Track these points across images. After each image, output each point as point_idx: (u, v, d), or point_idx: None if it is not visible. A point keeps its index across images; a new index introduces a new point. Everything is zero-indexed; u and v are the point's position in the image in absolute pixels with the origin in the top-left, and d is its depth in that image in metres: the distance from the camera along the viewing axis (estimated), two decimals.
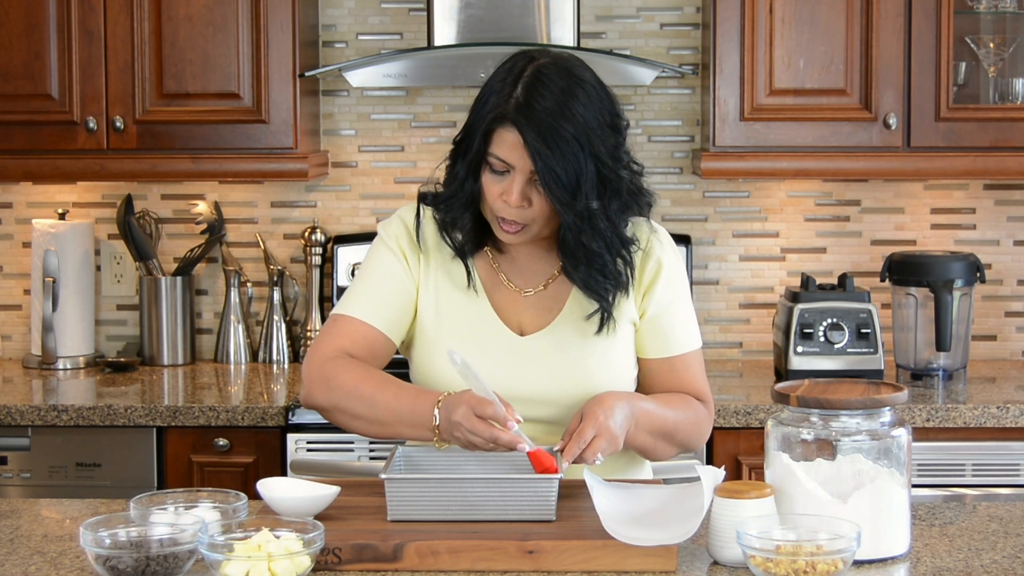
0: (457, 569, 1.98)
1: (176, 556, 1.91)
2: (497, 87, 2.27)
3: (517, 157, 2.23)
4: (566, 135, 2.20)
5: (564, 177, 2.21)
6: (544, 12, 3.73)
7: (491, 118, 2.24)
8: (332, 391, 2.30)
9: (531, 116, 2.21)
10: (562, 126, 2.20)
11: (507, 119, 2.23)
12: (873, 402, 2.03)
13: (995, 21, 3.76)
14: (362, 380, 2.29)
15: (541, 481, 2.08)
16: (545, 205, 2.26)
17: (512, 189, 2.25)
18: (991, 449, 3.40)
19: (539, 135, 2.20)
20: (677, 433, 2.37)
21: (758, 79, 3.67)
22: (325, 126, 4.06)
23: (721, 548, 2.00)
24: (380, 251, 2.42)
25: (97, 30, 3.69)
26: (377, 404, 2.27)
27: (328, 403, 2.32)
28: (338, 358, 2.32)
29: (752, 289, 4.05)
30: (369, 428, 2.31)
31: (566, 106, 2.22)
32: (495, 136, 2.24)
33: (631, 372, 2.42)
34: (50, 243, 3.90)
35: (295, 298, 4.04)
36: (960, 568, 2.01)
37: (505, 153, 2.24)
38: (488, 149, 2.25)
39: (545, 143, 2.20)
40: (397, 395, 2.27)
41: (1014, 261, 4.03)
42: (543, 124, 2.20)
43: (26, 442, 3.43)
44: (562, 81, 2.24)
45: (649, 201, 2.35)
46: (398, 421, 2.26)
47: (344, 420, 2.33)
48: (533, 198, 2.26)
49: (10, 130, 3.72)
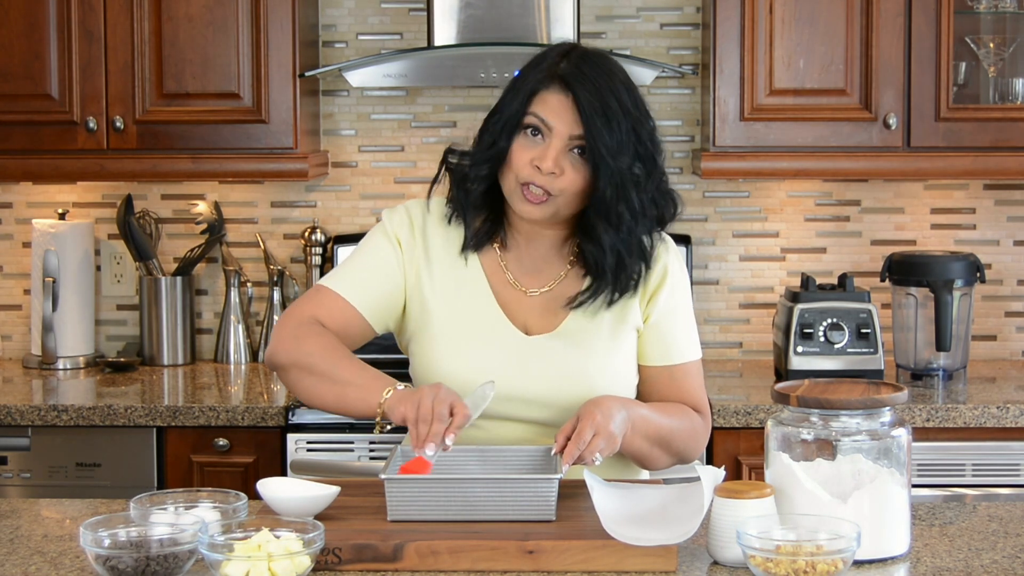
0: (457, 569, 1.98)
1: (176, 556, 1.91)
2: (535, 64, 2.29)
3: (559, 119, 2.23)
4: (612, 100, 2.23)
5: (609, 138, 2.22)
6: (544, 12, 3.73)
7: (537, 80, 2.25)
8: (298, 349, 2.30)
9: (583, 79, 2.23)
10: (610, 96, 2.23)
11: (557, 79, 2.24)
12: (873, 402, 2.04)
13: (995, 21, 3.76)
14: (331, 345, 2.30)
15: (541, 481, 2.08)
16: (576, 177, 2.25)
17: (547, 154, 2.24)
18: (991, 449, 3.40)
19: (592, 96, 2.22)
20: (673, 442, 2.37)
21: (758, 79, 3.67)
22: (325, 126, 4.07)
23: (721, 548, 2.00)
24: (377, 237, 2.41)
25: (97, 30, 3.69)
26: (339, 365, 2.27)
27: (289, 360, 2.32)
28: (312, 323, 2.33)
29: (752, 289, 4.05)
30: (319, 386, 2.29)
31: (612, 83, 2.25)
32: (538, 97, 2.25)
33: (632, 379, 2.42)
34: (50, 243, 3.90)
35: (295, 298, 4.04)
36: (960, 568, 2.01)
37: (549, 113, 2.24)
38: (528, 109, 2.25)
39: (596, 107, 2.22)
40: (362, 367, 2.28)
41: (1014, 261, 4.03)
42: (594, 89, 2.22)
43: (26, 442, 3.43)
44: (605, 62, 2.28)
45: (676, 204, 2.37)
46: (348, 384, 2.25)
47: (299, 377, 2.32)
48: (566, 167, 2.25)
49: (10, 130, 3.72)
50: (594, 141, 2.22)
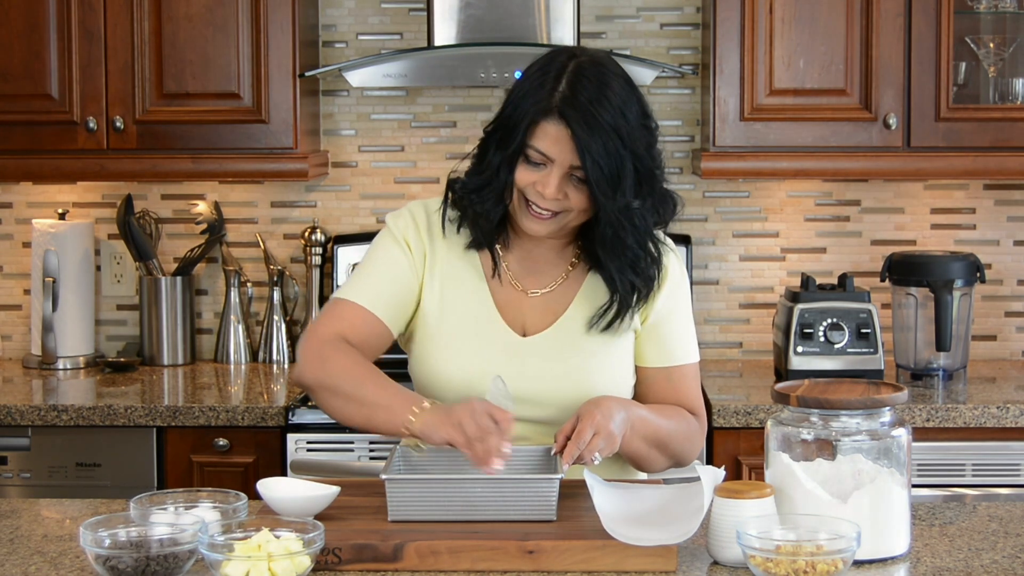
0: (457, 569, 1.98)
1: (176, 556, 1.91)
2: (537, 81, 2.27)
3: (558, 151, 2.23)
4: (609, 129, 2.22)
5: (607, 170, 2.22)
6: (544, 12, 3.73)
7: (535, 111, 2.24)
8: (325, 370, 2.30)
9: (578, 109, 2.22)
10: (606, 121, 2.22)
11: (553, 111, 2.23)
12: (873, 402, 2.03)
13: (995, 21, 3.76)
14: (356, 364, 2.30)
15: (541, 481, 2.08)
16: (581, 199, 2.26)
17: (549, 182, 2.25)
18: (991, 449, 3.40)
19: (586, 128, 2.21)
20: (671, 443, 2.37)
21: (758, 79, 3.67)
22: (325, 126, 4.07)
23: (721, 548, 2.00)
24: (387, 242, 2.42)
25: (97, 30, 3.69)
26: (364, 386, 2.27)
27: (315, 382, 2.32)
28: (337, 341, 2.33)
29: (752, 289, 4.05)
30: (346, 408, 2.29)
31: (609, 101, 2.23)
32: (538, 129, 2.24)
33: (629, 380, 2.42)
34: (50, 243, 3.90)
35: (295, 298, 4.05)
36: (960, 568, 2.01)
37: (547, 146, 2.24)
38: (528, 142, 2.25)
39: (591, 136, 2.21)
40: (385, 385, 2.27)
41: (1014, 261, 4.03)
42: (589, 117, 2.22)
43: (26, 442, 3.43)
44: (603, 78, 2.26)
45: (675, 204, 2.37)
46: (376, 404, 2.24)
47: (325, 398, 2.32)
48: (569, 192, 2.26)
49: (10, 130, 3.72)
50: (591, 172, 2.22)
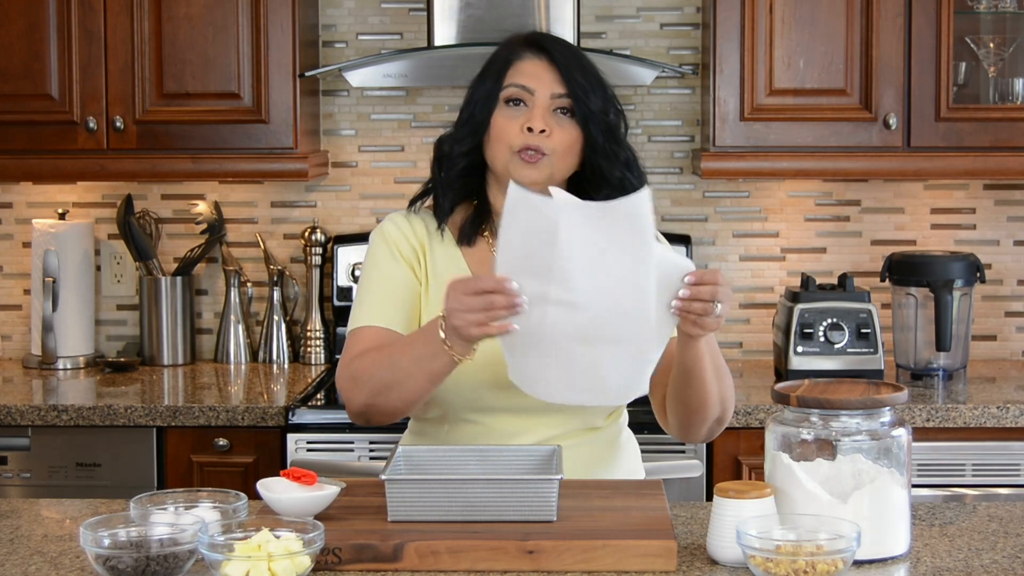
0: (457, 569, 1.98)
1: (176, 556, 1.91)
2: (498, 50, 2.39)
3: (540, 81, 2.32)
4: (586, 62, 2.35)
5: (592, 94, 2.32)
6: (544, 12, 3.73)
7: (507, 54, 2.35)
8: (360, 383, 2.29)
9: (554, 41, 2.36)
10: (581, 55, 2.37)
11: (528, 46, 2.34)
12: (873, 402, 2.03)
13: (995, 21, 3.76)
14: (378, 353, 2.29)
15: (541, 481, 2.08)
16: (564, 135, 2.32)
17: (534, 115, 2.31)
18: (991, 449, 3.40)
19: (567, 54, 2.34)
20: (723, 380, 2.27)
21: (758, 79, 3.67)
22: (325, 126, 4.07)
23: (721, 548, 2.00)
24: (379, 257, 2.42)
25: (97, 30, 3.69)
26: (396, 361, 2.25)
27: (364, 399, 2.30)
28: (354, 358, 2.33)
29: (752, 289, 4.05)
30: (403, 392, 2.25)
31: (576, 47, 2.40)
32: (513, 68, 2.33)
33: None
34: (50, 243, 3.90)
35: (295, 298, 4.05)
36: (960, 568, 2.01)
37: (527, 79, 2.32)
38: (505, 81, 2.33)
39: (572, 63, 2.33)
40: (407, 343, 2.27)
41: (1014, 261, 4.03)
42: (566, 48, 2.35)
43: (26, 442, 3.43)
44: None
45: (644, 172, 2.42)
46: (418, 361, 2.21)
47: (384, 402, 2.28)
48: (553, 127, 2.32)
49: (10, 130, 3.72)
50: (577, 94, 2.31)
